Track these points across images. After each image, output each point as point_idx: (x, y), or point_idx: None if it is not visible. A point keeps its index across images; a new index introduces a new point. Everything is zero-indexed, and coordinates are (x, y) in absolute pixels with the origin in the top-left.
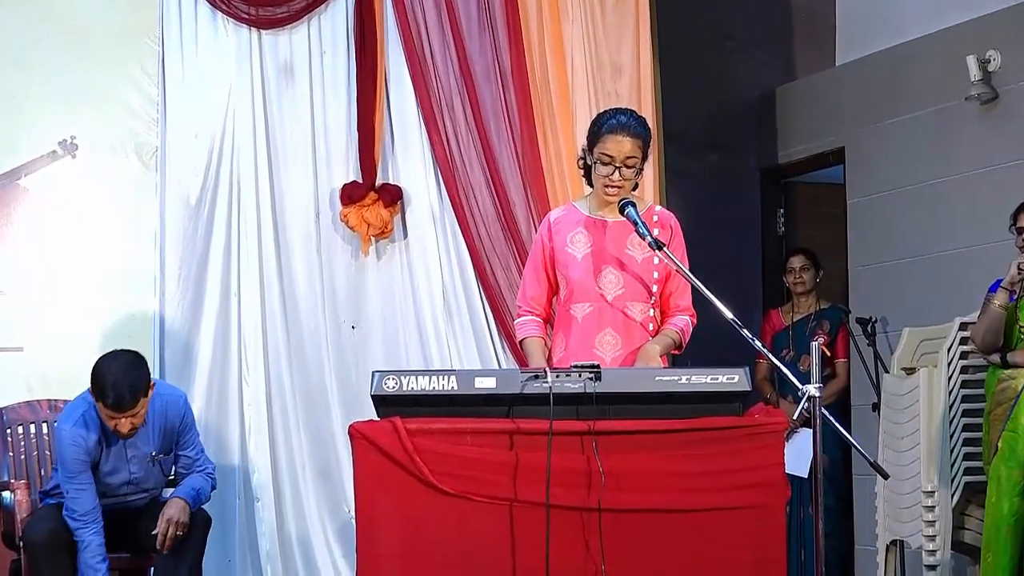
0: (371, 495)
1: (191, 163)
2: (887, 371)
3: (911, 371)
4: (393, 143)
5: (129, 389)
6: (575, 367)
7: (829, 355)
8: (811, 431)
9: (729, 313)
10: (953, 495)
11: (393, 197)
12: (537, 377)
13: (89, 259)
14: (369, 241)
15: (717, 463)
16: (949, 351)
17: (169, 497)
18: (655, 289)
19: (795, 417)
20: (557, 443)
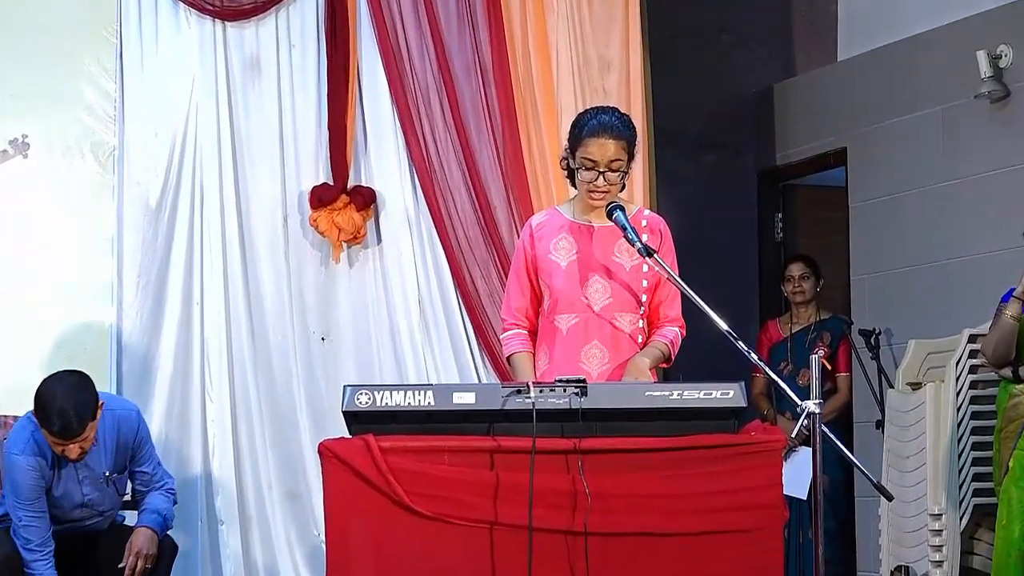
0: (342, 518)
1: (151, 163)
2: (891, 386)
3: (917, 386)
4: (366, 143)
5: (76, 415)
6: (560, 381)
7: (830, 369)
8: (810, 450)
9: (724, 324)
10: (961, 518)
11: (366, 200)
12: (519, 392)
13: (41, 266)
14: (340, 247)
15: (710, 484)
16: (957, 365)
17: (135, 526)
18: (644, 299)
19: (794, 435)
20: (540, 462)
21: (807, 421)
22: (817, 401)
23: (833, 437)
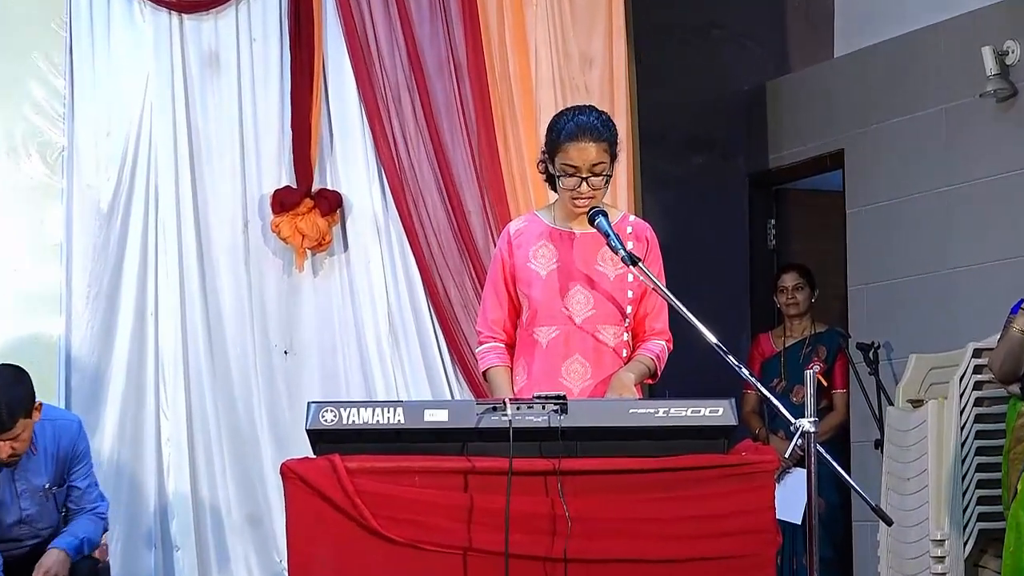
0: (306, 543)
1: (102, 165)
2: (891, 403)
3: (918, 403)
4: (332, 143)
5: (6, 407)
6: (538, 398)
7: (826, 385)
8: (805, 471)
9: (713, 337)
10: (966, 544)
11: (331, 205)
12: (495, 409)
13: None
14: (304, 255)
15: (698, 507)
16: (962, 381)
17: (48, 547)
18: (629, 310)
19: (787, 455)
20: (518, 484)
21: (801, 441)
22: (812, 419)
23: (829, 458)
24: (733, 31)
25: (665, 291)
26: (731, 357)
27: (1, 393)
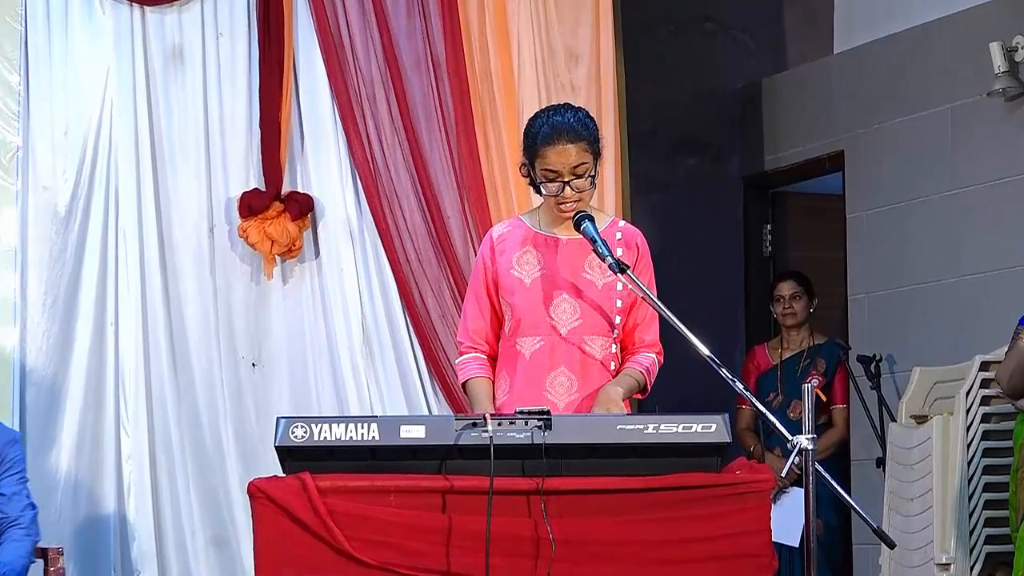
0: (275, 567)
1: (59, 166)
2: (894, 419)
3: (922, 419)
4: (303, 144)
5: None
6: (521, 413)
7: (824, 400)
8: (802, 491)
9: (705, 349)
10: (972, 567)
11: (302, 208)
12: (475, 425)
13: None
14: (273, 261)
15: (690, 529)
16: (968, 395)
17: None
18: (618, 320)
19: (784, 474)
20: (499, 504)
21: (799, 459)
22: (810, 436)
23: (828, 477)
24: (726, 25)
25: (655, 301)
26: (725, 370)
27: None
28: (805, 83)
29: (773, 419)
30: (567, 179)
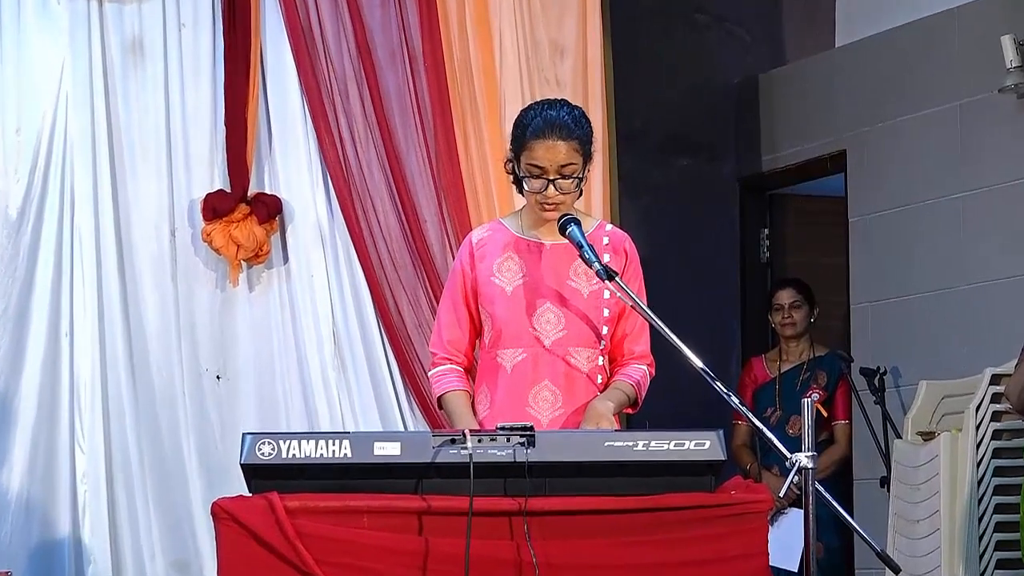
0: None
1: (10, 166)
2: (899, 436)
3: (929, 436)
4: (271, 142)
5: None
6: (502, 429)
7: (825, 415)
8: (802, 512)
9: (699, 362)
10: None
11: (270, 211)
12: (454, 442)
13: None
14: (239, 267)
15: (682, 552)
16: (978, 411)
17: None
18: (605, 331)
19: (782, 494)
20: (479, 526)
21: (798, 478)
22: (810, 454)
23: (829, 497)
24: (721, 17)
25: (645, 309)
26: (719, 384)
27: None
28: (805, 78)
29: (771, 436)
30: (552, 177)
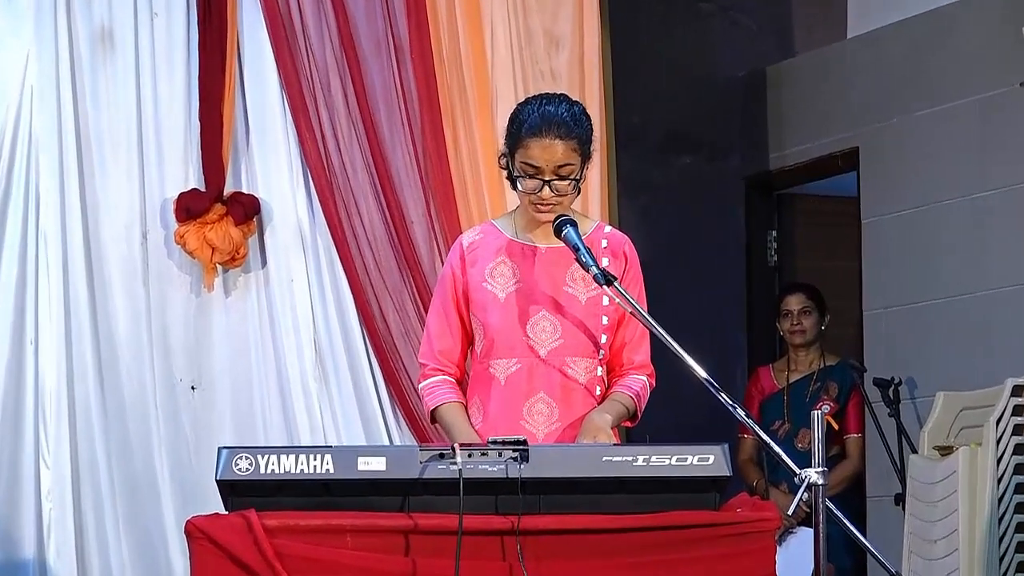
0: None
1: None
2: (915, 451)
3: (947, 451)
4: (248, 138)
5: None
6: (494, 443)
7: (837, 429)
8: (812, 531)
9: (702, 371)
10: None
11: (247, 211)
12: (442, 456)
13: None
14: (214, 271)
15: (685, 573)
16: (999, 424)
17: None
18: (604, 339)
19: (791, 512)
20: (469, 546)
21: (808, 495)
22: (820, 469)
23: (840, 515)
24: (726, 6)
25: (646, 316)
26: (724, 395)
27: None
28: (815, 71)
29: (779, 450)
30: (548, 178)
